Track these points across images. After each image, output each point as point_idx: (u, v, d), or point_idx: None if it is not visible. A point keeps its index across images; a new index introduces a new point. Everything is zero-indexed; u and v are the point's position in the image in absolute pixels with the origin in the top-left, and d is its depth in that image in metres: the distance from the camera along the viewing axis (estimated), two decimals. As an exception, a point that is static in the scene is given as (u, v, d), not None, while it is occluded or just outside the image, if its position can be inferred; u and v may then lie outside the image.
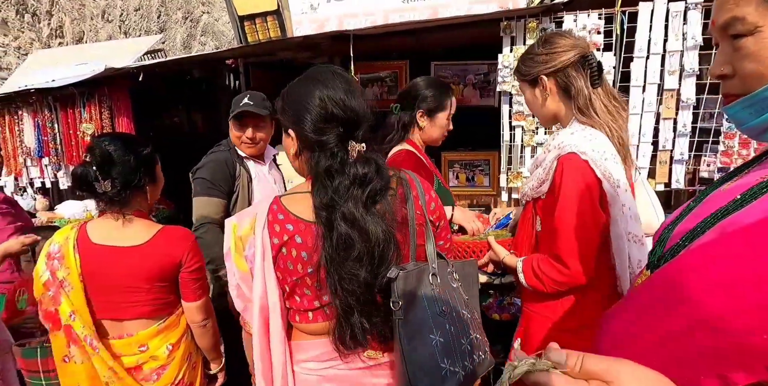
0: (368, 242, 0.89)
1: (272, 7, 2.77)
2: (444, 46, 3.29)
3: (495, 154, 3.07)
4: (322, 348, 0.96)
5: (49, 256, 1.38)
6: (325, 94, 0.94)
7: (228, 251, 0.99)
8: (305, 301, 0.96)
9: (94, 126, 2.76)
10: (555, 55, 1.27)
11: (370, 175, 0.92)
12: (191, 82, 3.61)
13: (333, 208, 0.90)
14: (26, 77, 4.80)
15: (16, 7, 5.91)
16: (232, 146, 2.10)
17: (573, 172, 1.21)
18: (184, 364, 1.48)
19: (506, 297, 2.52)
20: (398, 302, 0.88)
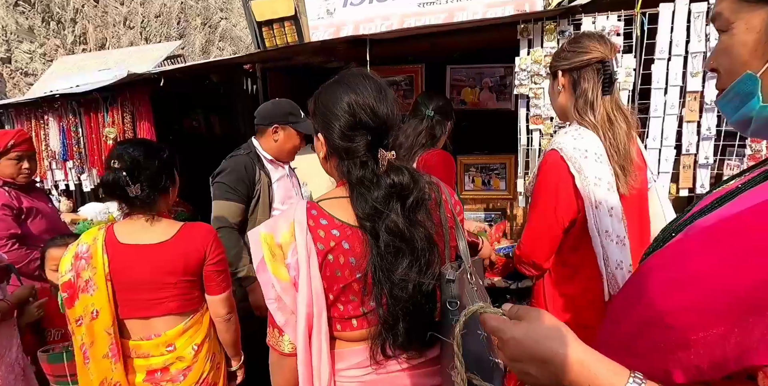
0: (414, 251, 0.89)
1: (290, 12, 2.81)
2: (460, 49, 3.28)
3: (511, 158, 3.04)
4: (363, 355, 0.93)
5: (76, 257, 1.42)
6: (354, 100, 0.92)
7: (261, 263, 0.91)
8: (350, 308, 0.93)
9: (116, 130, 2.83)
10: (575, 54, 1.32)
11: (407, 185, 0.91)
12: (209, 86, 3.67)
13: (375, 219, 0.88)
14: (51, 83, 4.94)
15: (42, 15, 6.10)
16: (253, 149, 2.13)
17: (548, 167, 1.32)
18: (208, 364, 1.50)
19: (523, 302, 2.49)
20: (456, 302, 0.89)
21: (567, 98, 1.37)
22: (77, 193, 3.38)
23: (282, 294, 0.90)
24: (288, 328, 0.91)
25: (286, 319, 0.91)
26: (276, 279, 0.90)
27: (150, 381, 1.44)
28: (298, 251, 0.88)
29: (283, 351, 0.93)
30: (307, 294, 0.88)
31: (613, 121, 1.32)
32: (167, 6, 5.18)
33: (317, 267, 0.89)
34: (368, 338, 0.93)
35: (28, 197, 2.17)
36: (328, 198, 0.97)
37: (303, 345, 0.89)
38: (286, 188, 2.21)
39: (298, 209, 0.93)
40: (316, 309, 0.89)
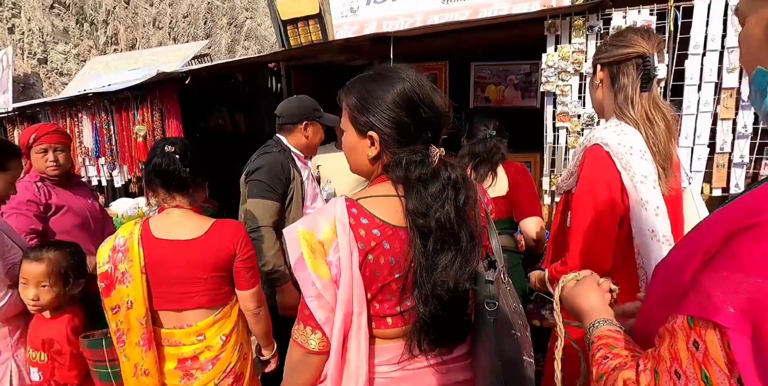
0: (459, 246, 0.89)
1: (314, 11, 2.83)
2: (484, 46, 3.24)
3: (537, 156, 2.99)
4: (394, 352, 0.93)
5: (114, 249, 1.46)
6: (416, 96, 0.90)
7: (300, 260, 0.90)
8: (386, 307, 0.92)
9: (146, 127, 2.91)
10: (615, 48, 1.28)
11: (461, 181, 0.90)
12: (234, 85, 3.73)
13: (429, 215, 0.87)
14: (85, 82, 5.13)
15: (76, 17, 6.33)
16: (285, 147, 2.13)
17: (593, 163, 1.26)
18: (236, 354, 1.54)
19: (548, 303, 2.45)
20: (494, 302, 0.89)
21: (606, 93, 1.33)
22: (108, 188, 3.50)
23: (323, 291, 0.89)
24: (327, 326, 0.90)
25: (326, 317, 0.90)
26: (316, 276, 0.88)
27: (180, 369, 1.49)
28: (341, 249, 0.87)
29: (311, 349, 0.92)
30: (348, 293, 0.88)
31: (651, 119, 1.27)
32: (194, 6, 5.28)
33: (358, 267, 0.88)
34: (401, 336, 0.93)
35: (64, 192, 2.19)
36: (368, 196, 0.94)
37: (338, 343, 0.89)
38: (313, 186, 2.22)
39: (338, 207, 0.90)
40: (357, 308, 0.89)
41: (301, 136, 2.14)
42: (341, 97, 1.00)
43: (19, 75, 6.36)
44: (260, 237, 1.95)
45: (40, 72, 6.69)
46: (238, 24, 4.89)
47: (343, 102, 1.00)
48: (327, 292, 0.89)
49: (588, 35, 2.31)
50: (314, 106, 2.15)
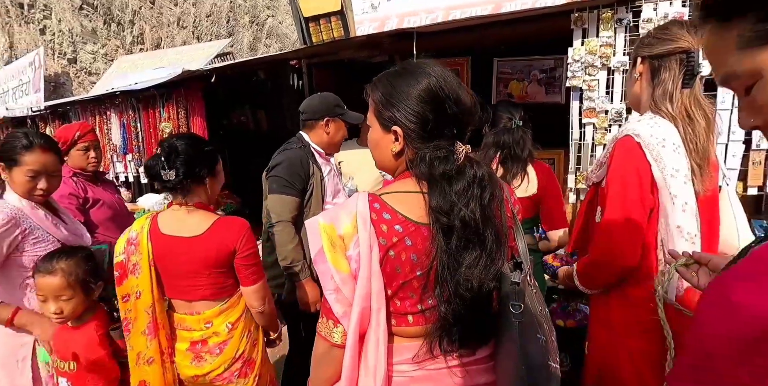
0: (483, 246, 0.87)
1: (336, 7, 2.83)
2: (507, 41, 3.19)
3: (560, 153, 2.93)
4: (415, 351, 0.92)
5: (128, 242, 1.54)
6: (442, 91, 0.89)
7: (320, 253, 0.90)
8: (407, 304, 0.91)
9: (171, 125, 2.97)
10: (659, 41, 1.24)
11: (487, 179, 0.89)
12: (257, 82, 3.77)
13: (452, 212, 0.86)
14: (112, 81, 5.26)
15: (104, 18, 6.49)
16: (306, 144, 2.14)
17: (623, 154, 1.23)
18: (243, 340, 1.59)
19: (571, 302, 2.40)
20: (519, 305, 0.87)
21: (644, 87, 1.29)
22: (135, 184, 3.59)
23: (341, 285, 0.88)
24: (345, 320, 0.90)
25: (344, 311, 0.90)
26: (335, 270, 0.88)
27: (192, 351, 1.56)
28: (360, 244, 0.87)
29: (334, 342, 0.92)
30: (366, 288, 0.87)
31: (692, 116, 1.22)
32: (217, 5, 5.35)
33: (378, 262, 0.87)
34: (423, 335, 0.92)
35: (95, 187, 2.30)
36: (391, 191, 0.93)
37: (353, 338, 0.89)
38: (334, 182, 2.22)
39: (360, 201, 0.90)
40: (376, 304, 0.88)
41: (322, 133, 2.14)
42: (367, 92, 0.99)
43: (50, 74, 6.57)
44: (279, 232, 1.98)
45: (70, 71, 6.91)
46: (260, 22, 4.93)
47: (369, 97, 0.99)
48: (345, 286, 0.88)
49: (616, 28, 2.24)
50: (337, 103, 2.15)
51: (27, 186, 1.62)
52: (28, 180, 1.61)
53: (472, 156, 0.91)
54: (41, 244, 1.61)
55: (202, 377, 1.55)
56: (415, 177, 0.93)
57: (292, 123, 3.62)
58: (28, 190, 1.63)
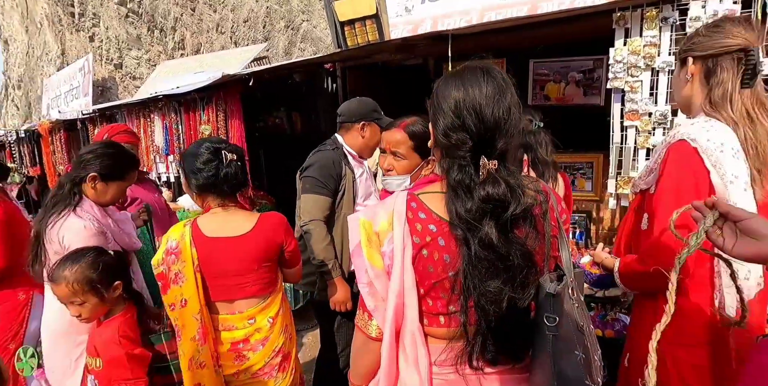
0: (509, 269, 0.85)
1: (371, 11, 2.85)
2: (544, 42, 3.13)
3: (599, 157, 2.85)
4: (447, 353, 0.92)
5: (167, 252, 1.53)
6: (462, 99, 0.86)
7: (357, 247, 0.93)
8: (439, 305, 0.91)
9: (210, 127, 3.07)
10: (712, 40, 1.17)
11: (502, 198, 0.84)
12: (292, 85, 3.85)
13: (467, 228, 0.85)
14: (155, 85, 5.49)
15: (148, 25, 6.79)
16: (339, 146, 2.18)
17: (678, 159, 1.16)
18: (282, 335, 1.64)
19: (609, 311, 2.32)
20: (554, 318, 0.85)
21: (696, 89, 1.22)
22: (176, 184, 3.73)
23: (374, 279, 0.91)
24: (377, 313, 0.93)
25: (375, 305, 0.92)
26: (370, 265, 0.91)
27: (233, 351, 1.59)
28: (395, 241, 0.89)
29: (370, 335, 0.95)
30: (399, 284, 0.89)
31: (753, 118, 1.16)
32: (254, 11, 5.50)
33: (410, 260, 0.88)
34: (455, 337, 0.91)
35: (136, 186, 2.40)
36: (428, 192, 0.94)
37: (389, 333, 0.90)
38: (366, 184, 2.24)
39: (398, 199, 0.92)
40: (408, 300, 0.89)
41: (358, 136, 2.17)
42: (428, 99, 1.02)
43: (97, 79, 6.94)
44: (311, 231, 2.02)
45: (116, 76, 7.26)
46: (295, 27, 5.03)
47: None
48: (378, 281, 0.91)
49: (661, 27, 2.16)
50: (374, 108, 2.17)
51: (118, 197, 1.84)
52: (121, 192, 1.83)
53: (495, 173, 0.85)
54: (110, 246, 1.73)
55: (243, 372, 1.58)
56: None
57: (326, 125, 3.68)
58: (115, 200, 1.84)
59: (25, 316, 2.06)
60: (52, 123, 5.23)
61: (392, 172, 1.66)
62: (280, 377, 1.61)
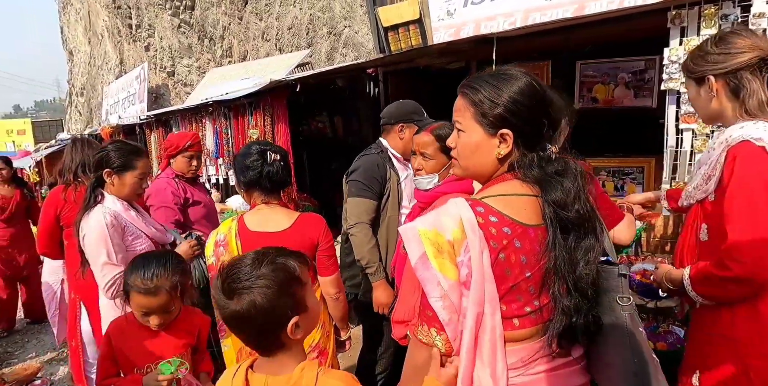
0: (596, 239, 0.90)
1: (415, 16, 2.88)
2: (592, 43, 3.04)
3: (650, 161, 2.73)
4: (518, 356, 0.90)
5: (216, 244, 1.66)
6: (546, 94, 0.93)
7: (423, 260, 0.87)
8: (514, 307, 0.89)
9: (258, 131, 3.19)
10: (728, 56, 1.19)
11: (582, 173, 0.92)
12: (334, 90, 3.94)
13: (569, 207, 0.89)
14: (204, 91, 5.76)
15: (198, 34, 7.14)
16: (384, 149, 2.22)
17: (748, 160, 1.13)
18: (319, 331, 1.67)
19: (661, 323, 2.22)
20: (628, 297, 0.89)
21: (725, 103, 1.24)
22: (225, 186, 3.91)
23: (449, 291, 0.86)
24: (450, 327, 0.88)
25: (450, 318, 0.88)
26: (443, 277, 0.86)
27: None
28: (471, 249, 0.85)
29: (428, 343, 0.91)
30: (479, 292, 0.85)
31: None
32: (298, 18, 5.66)
33: (490, 266, 0.86)
34: (527, 338, 0.91)
35: (193, 189, 2.56)
36: (493, 195, 0.92)
37: (468, 344, 0.86)
38: (411, 186, 2.26)
39: (461, 206, 0.89)
40: (490, 308, 0.86)
41: (396, 137, 2.20)
42: (462, 95, 0.98)
43: (152, 86, 7.36)
44: (356, 233, 2.07)
45: (169, 83, 7.68)
46: (337, 32, 5.14)
47: (464, 100, 0.97)
48: (453, 293, 0.87)
49: (721, 25, 2.05)
50: (414, 110, 2.19)
51: (136, 187, 1.86)
52: (137, 182, 1.85)
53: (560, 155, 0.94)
54: (138, 240, 1.81)
55: None
56: (517, 179, 0.93)
57: (368, 129, 3.73)
58: (135, 190, 1.87)
59: (78, 315, 2.15)
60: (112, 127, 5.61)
61: (421, 172, 1.71)
62: None
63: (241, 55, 6.37)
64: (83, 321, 2.14)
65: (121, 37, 8.60)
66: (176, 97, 7.49)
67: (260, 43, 6.13)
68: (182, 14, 7.15)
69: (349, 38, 5.12)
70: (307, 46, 5.39)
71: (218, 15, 6.64)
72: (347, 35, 5.16)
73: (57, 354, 3.63)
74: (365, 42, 5.12)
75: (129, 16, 8.13)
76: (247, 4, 6.23)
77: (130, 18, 8.10)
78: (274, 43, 5.96)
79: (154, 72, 7.61)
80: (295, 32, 5.69)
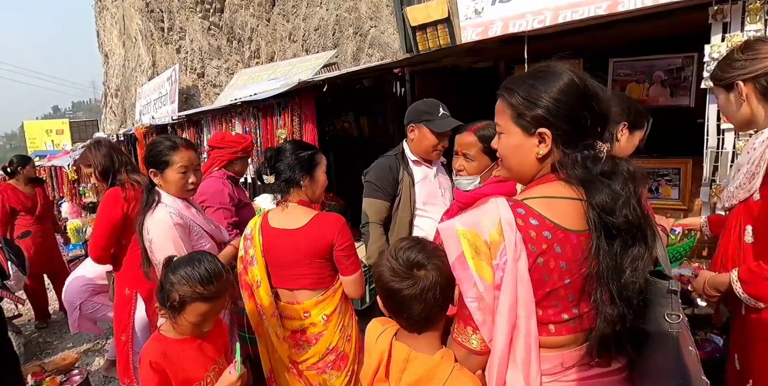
0: (646, 247, 0.85)
1: (443, 15, 2.86)
2: (625, 40, 2.95)
3: (687, 162, 2.64)
4: (554, 362, 0.89)
5: (245, 238, 1.76)
6: (588, 89, 0.89)
7: (460, 260, 0.87)
8: (550, 313, 0.88)
9: (286, 131, 3.24)
10: (756, 61, 1.22)
11: (638, 175, 0.88)
12: (360, 90, 3.95)
13: (617, 212, 0.84)
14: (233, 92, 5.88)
15: (227, 36, 7.30)
16: (401, 150, 2.22)
17: None
18: (338, 334, 1.70)
19: (699, 331, 2.13)
20: (677, 315, 0.83)
21: (755, 106, 1.27)
22: (253, 185, 3.97)
23: (484, 293, 0.86)
24: (484, 327, 0.88)
25: (484, 319, 0.88)
26: (479, 278, 0.86)
27: (292, 339, 1.71)
28: (508, 251, 0.83)
29: (473, 349, 0.91)
30: (512, 296, 0.84)
31: None
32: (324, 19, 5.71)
33: (526, 269, 0.84)
34: (564, 345, 0.89)
35: (238, 190, 2.62)
36: (536, 196, 0.90)
37: (502, 346, 0.86)
38: (429, 189, 2.22)
39: (501, 206, 0.87)
40: (524, 311, 0.85)
41: (409, 139, 2.19)
42: (500, 97, 0.97)
43: (183, 87, 7.57)
44: (367, 233, 2.13)
45: (198, 84, 7.88)
46: (363, 33, 5.16)
47: (502, 102, 0.96)
48: (488, 295, 0.86)
49: (767, 20, 1.96)
50: (426, 109, 2.11)
51: (180, 182, 1.82)
52: (180, 176, 1.81)
53: (612, 154, 0.89)
54: (202, 240, 1.85)
55: (300, 364, 1.69)
56: (562, 180, 0.90)
57: (395, 129, 3.74)
58: (182, 186, 1.82)
59: (132, 310, 2.21)
60: (146, 127, 5.79)
61: (463, 173, 1.69)
62: (334, 374, 1.68)
63: (269, 56, 6.47)
64: (138, 313, 2.21)
65: (153, 39, 8.87)
66: (206, 97, 7.68)
67: (287, 44, 6.22)
68: (212, 17, 7.32)
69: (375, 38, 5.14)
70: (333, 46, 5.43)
71: (246, 17, 6.76)
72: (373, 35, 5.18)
73: (93, 345, 3.79)
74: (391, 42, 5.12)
75: (161, 20, 8.38)
76: (274, 6, 6.32)
77: (163, 21, 8.35)
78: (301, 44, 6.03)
79: (185, 73, 7.82)
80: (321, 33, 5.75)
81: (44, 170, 9.23)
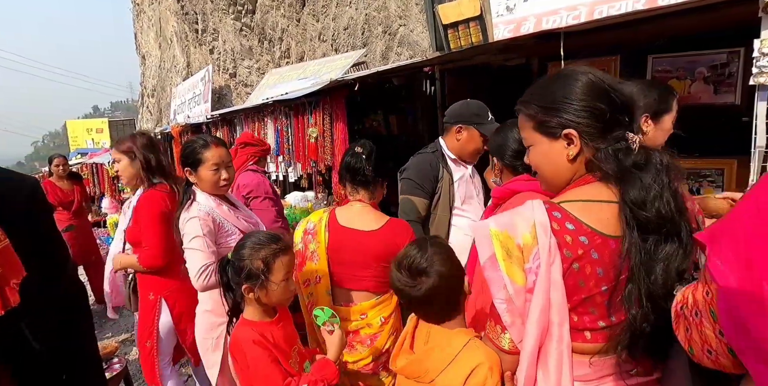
0: (680, 239, 0.82)
1: (475, 13, 2.84)
2: (666, 36, 2.85)
3: (732, 163, 2.53)
4: (588, 369, 0.87)
5: (305, 232, 1.73)
6: (603, 82, 0.89)
7: (492, 260, 0.86)
8: (586, 320, 0.86)
9: (317, 130, 3.28)
10: None
11: (673, 166, 0.85)
12: (391, 88, 3.96)
13: (649, 205, 0.82)
14: (264, 91, 6.01)
15: (258, 37, 7.45)
16: (439, 148, 2.21)
17: None
18: (392, 337, 1.68)
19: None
20: None
21: None
22: (283, 183, 4.06)
23: (514, 296, 0.85)
24: (513, 329, 0.88)
25: (512, 321, 0.87)
26: (510, 281, 0.84)
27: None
28: (541, 256, 0.82)
29: (503, 348, 0.91)
30: (544, 300, 0.82)
31: None
32: (354, 19, 5.75)
33: (560, 275, 0.82)
34: (600, 352, 0.86)
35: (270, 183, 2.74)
36: (573, 200, 0.88)
37: (531, 350, 0.85)
38: (467, 188, 2.23)
39: (537, 209, 0.85)
40: (557, 317, 0.83)
41: (453, 138, 2.17)
42: (519, 112, 0.98)
43: (215, 87, 7.78)
44: None
45: (231, 84, 8.08)
46: (392, 32, 5.17)
47: (521, 116, 0.97)
48: (518, 298, 0.85)
49: (824, 13, 1.86)
50: (477, 112, 2.12)
51: (213, 179, 1.85)
52: (213, 173, 1.84)
53: (646, 146, 0.87)
54: (231, 238, 1.84)
55: (352, 364, 1.67)
56: (600, 180, 0.88)
57: (424, 127, 3.73)
58: (215, 182, 1.85)
59: (156, 315, 2.13)
60: (181, 126, 5.99)
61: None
62: (384, 375, 1.68)
63: (299, 56, 6.57)
64: (163, 317, 2.14)
65: (188, 41, 9.15)
66: (237, 97, 7.87)
67: (317, 43, 6.29)
68: (244, 18, 7.49)
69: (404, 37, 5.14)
70: (363, 45, 5.47)
71: (277, 18, 6.89)
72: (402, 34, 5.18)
73: (130, 335, 3.95)
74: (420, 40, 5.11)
75: (195, 22, 8.63)
76: (304, 6, 6.41)
77: (197, 23, 8.60)
78: (330, 44, 6.09)
79: (218, 73, 8.04)
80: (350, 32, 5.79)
81: (86, 167, 9.67)
